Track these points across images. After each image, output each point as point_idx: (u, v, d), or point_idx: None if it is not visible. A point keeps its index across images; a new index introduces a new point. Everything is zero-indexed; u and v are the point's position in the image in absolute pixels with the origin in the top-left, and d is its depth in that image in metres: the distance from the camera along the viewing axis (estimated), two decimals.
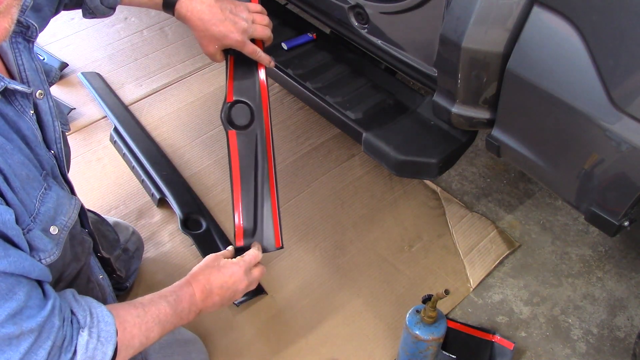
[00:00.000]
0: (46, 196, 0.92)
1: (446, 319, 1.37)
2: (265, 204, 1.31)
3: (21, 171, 0.87)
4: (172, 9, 1.25)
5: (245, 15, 1.27)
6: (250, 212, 1.31)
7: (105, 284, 1.27)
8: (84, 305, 0.94)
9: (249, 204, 1.31)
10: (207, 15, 1.23)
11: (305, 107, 2.20)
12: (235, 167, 1.31)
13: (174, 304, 1.07)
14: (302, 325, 1.59)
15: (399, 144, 1.44)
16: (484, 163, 2.05)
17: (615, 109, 0.98)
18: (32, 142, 0.93)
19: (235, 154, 1.32)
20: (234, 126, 1.33)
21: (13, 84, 0.88)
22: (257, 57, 1.31)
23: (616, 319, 1.63)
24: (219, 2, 1.25)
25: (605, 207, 1.12)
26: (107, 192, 1.92)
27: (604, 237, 1.81)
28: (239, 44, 1.27)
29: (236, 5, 1.28)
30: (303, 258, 1.75)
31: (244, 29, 1.26)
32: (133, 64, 2.42)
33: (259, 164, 1.32)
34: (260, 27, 1.29)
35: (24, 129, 0.91)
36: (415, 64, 1.44)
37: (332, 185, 1.95)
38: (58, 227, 0.95)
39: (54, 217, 0.94)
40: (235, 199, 1.31)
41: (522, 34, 1.06)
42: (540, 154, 1.20)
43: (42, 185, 0.92)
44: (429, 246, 1.79)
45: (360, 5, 1.46)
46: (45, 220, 0.92)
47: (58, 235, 0.95)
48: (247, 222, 1.31)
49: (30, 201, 0.89)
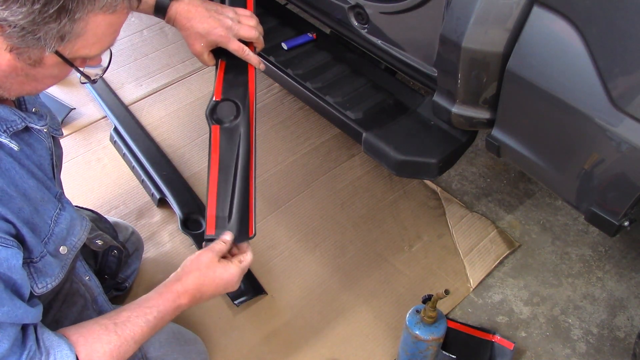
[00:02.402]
0: (60, 217, 0.98)
1: (446, 319, 1.37)
2: (242, 198, 1.26)
3: (35, 195, 0.92)
4: (164, 13, 1.28)
5: (230, 15, 1.29)
6: (225, 204, 1.26)
7: (93, 285, 1.25)
8: (42, 350, 0.92)
9: (225, 194, 1.26)
10: (193, 13, 1.27)
11: (305, 107, 2.20)
12: (214, 160, 1.28)
13: (153, 323, 1.03)
14: (302, 325, 1.59)
15: (399, 144, 1.43)
16: (484, 163, 2.05)
17: (616, 109, 0.98)
18: (44, 164, 0.99)
19: (216, 148, 1.30)
20: (217, 122, 1.32)
21: (32, 123, 0.95)
22: (245, 55, 1.31)
23: (616, 319, 1.63)
24: (206, 3, 1.29)
25: (605, 207, 1.12)
26: (107, 192, 1.92)
27: (604, 237, 1.81)
28: (223, 39, 1.28)
29: (223, 7, 1.31)
30: (303, 258, 1.75)
31: (229, 25, 1.27)
32: (133, 64, 2.42)
33: (239, 159, 1.29)
34: (246, 27, 1.30)
35: (38, 152, 0.98)
36: (415, 64, 1.44)
37: (332, 185, 1.95)
38: (67, 247, 1.00)
39: (66, 237, 1.00)
40: (211, 189, 1.26)
41: (522, 34, 1.06)
42: (540, 154, 1.20)
43: (57, 206, 0.98)
44: (429, 246, 1.79)
45: (360, 5, 1.46)
46: (57, 240, 0.97)
47: (66, 255, 1.00)
48: (221, 212, 1.25)
49: (44, 223, 0.94)
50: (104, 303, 1.26)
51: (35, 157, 0.97)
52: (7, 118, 0.89)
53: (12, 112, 0.91)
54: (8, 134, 0.89)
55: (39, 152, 0.98)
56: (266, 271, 1.71)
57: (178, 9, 1.27)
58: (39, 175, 0.96)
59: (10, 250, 0.84)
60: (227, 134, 1.30)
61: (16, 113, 0.91)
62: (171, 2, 1.27)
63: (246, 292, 1.63)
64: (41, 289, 0.96)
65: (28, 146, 0.95)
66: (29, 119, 0.94)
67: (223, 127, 1.30)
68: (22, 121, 0.92)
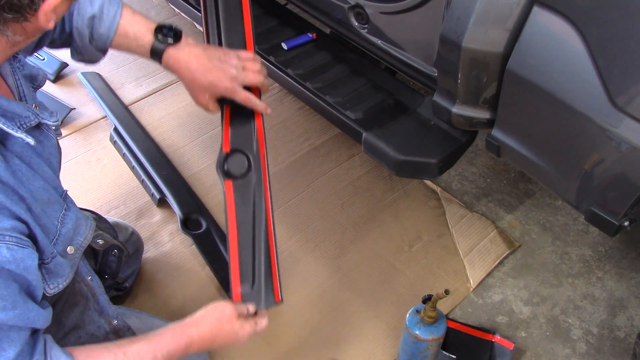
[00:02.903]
0: (66, 217, 0.99)
1: (446, 319, 1.37)
2: (264, 259, 1.24)
3: (42, 196, 0.93)
4: (159, 58, 1.19)
5: (234, 63, 1.21)
6: (248, 269, 1.24)
7: (95, 285, 1.24)
8: None
9: (246, 260, 1.23)
10: (195, 64, 1.18)
11: (305, 107, 2.20)
12: (231, 218, 1.24)
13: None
14: (302, 325, 1.59)
15: (399, 144, 1.43)
16: (484, 163, 2.05)
17: (616, 109, 0.98)
18: (53, 162, 1.00)
19: (232, 205, 1.25)
20: (230, 176, 1.27)
21: (45, 119, 0.95)
22: (252, 104, 1.26)
23: (616, 319, 1.63)
24: (207, 50, 1.20)
25: (605, 207, 1.12)
26: (107, 192, 1.92)
27: (604, 237, 1.81)
28: (229, 91, 1.21)
29: (225, 53, 1.22)
30: (303, 258, 1.75)
31: (234, 76, 1.20)
32: (133, 64, 2.42)
33: (256, 217, 1.25)
34: (251, 74, 1.23)
35: (48, 149, 0.98)
36: (415, 64, 1.44)
37: (332, 185, 1.95)
38: (74, 246, 1.01)
39: (72, 237, 1.01)
40: (232, 256, 1.23)
41: (522, 34, 1.06)
42: (540, 154, 1.20)
43: (63, 207, 0.99)
44: (429, 246, 1.79)
45: (360, 5, 1.46)
46: (65, 241, 0.98)
47: (73, 255, 1.01)
48: (245, 279, 1.23)
49: (52, 224, 0.95)
50: (106, 303, 1.26)
51: (45, 154, 0.97)
52: (21, 114, 0.89)
53: (26, 108, 0.91)
54: (22, 129, 0.88)
55: (48, 150, 0.99)
56: None
57: (177, 58, 1.18)
58: (48, 173, 0.96)
59: (26, 250, 0.84)
60: (241, 190, 1.27)
61: (29, 109, 0.91)
62: (167, 48, 1.17)
63: None
64: (53, 289, 0.96)
65: (39, 143, 0.96)
66: (41, 115, 0.94)
67: (236, 182, 1.27)
68: (36, 117, 0.92)
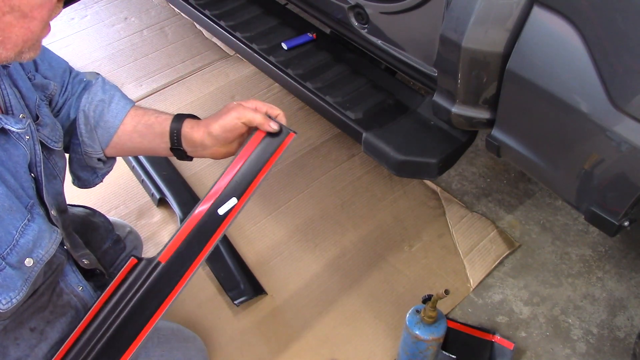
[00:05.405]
0: (28, 227, 0.92)
1: (446, 319, 1.37)
2: None
3: (3, 202, 0.88)
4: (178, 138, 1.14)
5: None
6: None
7: (87, 295, 1.15)
8: None
9: None
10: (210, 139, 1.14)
11: (305, 107, 2.20)
12: None
13: None
14: (302, 325, 1.59)
15: (399, 144, 1.43)
16: (484, 163, 2.05)
17: (615, 109, 0.98)
18: (20, 172, 0.94)
19: None
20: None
21: (8, 125, 0.91)
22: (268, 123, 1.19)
23: (616, 319, 1.63)
24: (207, 119, 1.15)
25: (605, 207, 1.12)
26: (107, 192, 1.92)
27: (604, 237, 1.81)
28: (249, 111, 1.16)
29: None
30: (303, 258, 1.75)
31: (245, 105, 1.17)
32: (133, 64, 2.42)
33: None
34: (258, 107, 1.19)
35: (14, 158, 0.93)
36: (415, 64, 1.44)
37: (332, 185, 1.95)
38: (34, 259, 0.94)
39: (32, 249, 0.93)
40: None
41: (522, 34, 1.06)
42: (540, 154, 1.20)
43: (25, 217, 0.92)
44: (429, 246, 1.79)
45: (360, 5, 1.46)
46: (22, 252, 0.91)
47: (31, 268, 0.94)
48: None
49: (7, 233, 0.89)
50: None
51: (9, 163, 0.92)
52: None
53: None
54: None
55: (14, 159, 0.93)
56: (266, 271, 1.71)
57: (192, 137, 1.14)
58: (11, 182, 0.91)
59: None
60: None
61: None
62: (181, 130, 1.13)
63: (246, 292, 1.63)
64: (6, 304, 0.90)
65: (4, 151, 0.91)
66: (4, 120, 0.89)
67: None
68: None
